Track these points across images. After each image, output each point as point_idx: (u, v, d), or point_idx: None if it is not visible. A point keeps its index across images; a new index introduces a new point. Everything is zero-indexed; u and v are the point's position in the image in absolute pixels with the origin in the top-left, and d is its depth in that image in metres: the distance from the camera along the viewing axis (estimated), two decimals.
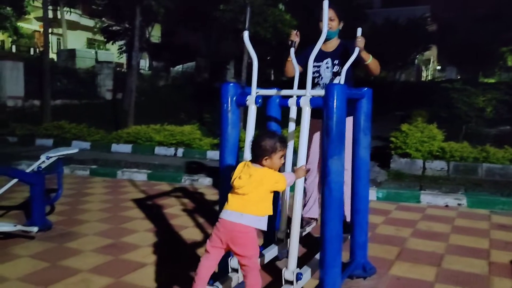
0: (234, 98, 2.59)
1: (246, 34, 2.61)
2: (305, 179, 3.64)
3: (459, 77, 26.12)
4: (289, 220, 2.51)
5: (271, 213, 2.26)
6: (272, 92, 2.73)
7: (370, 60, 3.37)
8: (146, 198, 5.24)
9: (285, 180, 2.28)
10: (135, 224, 4.21)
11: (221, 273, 2.57)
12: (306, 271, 2.49)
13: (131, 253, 3.43)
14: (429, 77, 35.53)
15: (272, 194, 2.28)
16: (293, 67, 3.14)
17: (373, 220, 4.13)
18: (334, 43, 3.64)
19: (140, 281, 2.94)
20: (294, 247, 2.41)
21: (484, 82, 19.88)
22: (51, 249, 3.51)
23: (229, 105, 2.58)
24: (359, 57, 3.18)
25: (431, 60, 38.70)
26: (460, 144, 6.73)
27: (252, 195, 2.20)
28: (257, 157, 2.26)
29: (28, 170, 3.94)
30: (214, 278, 2.38)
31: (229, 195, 2.27)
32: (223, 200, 2.61)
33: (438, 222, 4.28)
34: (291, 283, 2.38)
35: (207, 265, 2.28)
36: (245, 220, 2.19)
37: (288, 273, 2.38)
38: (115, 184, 6.05)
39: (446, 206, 4.90)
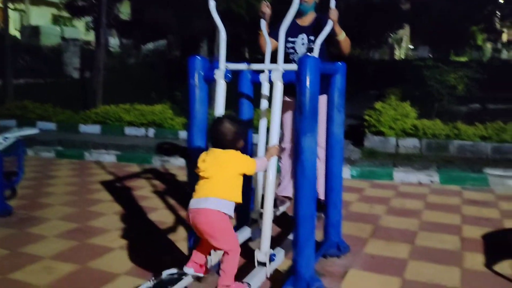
0: (202, 73, 2.44)
1: (212, 4, 2.43)
2: (280, 158, 3.56)
3: (431, 56, 26.40)
4: (264, 199, 2.41)
5: (240, 200, 2.14)
6: (241, 66, 2.60)
7: (342, 35, 3.26)
8: (115, 180, 5.06)
9: (254, 163, 2.18)
10: (103, 207, 4.05)
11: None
12: (279, 252, 2.42)
13: (97, 238, 3.29)
14: (402, 56, 35.85)
15: (241, 179, 2.16)
16: (262, 38, 3.02)
17: (347, 198, 4.09)
18: (310, 17, 3.51)
19: (108, 266, 2.81)
20: (267, 228, 2.32)
21: (455, 60, 20.13)
22: (11, 236, 3.33)
23: (197, 80, 2.43)
24: (332, 31, 3.07)
25: (404, 39, 38.96)
26: (432, 122, 6.76)
27: (217, 177, 2.08)
28: (221, 144, 2.13)
29: None
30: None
31: (196, 185, 2.15)
32: (192, 180, 2.49)
33: (411, 199, 4.28)
34: (263, 264, 2.31)
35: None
36: (209, 204, 2.06)
37: (261, 254, 2.31)
38: (82, 166, 5.83)
39: (419, 183, 4.92)
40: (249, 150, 3.06)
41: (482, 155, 6.14)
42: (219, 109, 2.49)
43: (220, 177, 2.08)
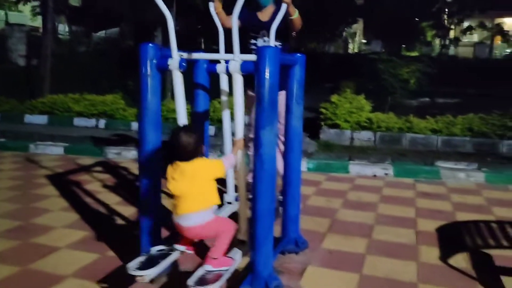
0: (154, 61, 2.29)
1: None
2: (249, 147, 3.52)
3: (383, 51, 27.06)
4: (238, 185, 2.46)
5: (218, 202, 2.19)
6: (196, 55, 2.47)
7: (295, 15, 3.27)
8: (62, 174, 4.78)
9: (222, 164, 2.18)
10: (49, 203, 3.80)
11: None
12: (237, 253, 2.36)
13: (42, 237, 3.07)
14: (356, 50, 36.58)
15: (214, 183, 2.18)
16: (225, 19, 2.95)
17: (304, 192, 4.03)
18: (270, 10, 3.44)
19: (52, 268, 2.62)
20: (244, 208, 2.36)
21: (406, 55, 20.72)
22: None
23: (149, 69, 2.28)
24: (286, 12, 3.00)
25: (358, 34, 39.75)
26: (386, 115, 6.88)
27: (191, 192, 2.09)
28: (183, 158, 2.11)
29: None
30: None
31: (173, 200, 2.17)
32: (144, 176, 2.36)
33: (367, 192, 4.31)
34: (243, 242, 2.38)
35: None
36: (192, 221, 2.15)
37: (240, 234, 2.34)
38: (26, 159, 5.47)
39: (374, 176, 4.97)
40: (206, 142, 2.96)
41: (433, 148, 6.33)
42: (180, 100, 2.37)
43: (194, 191, 2.10)
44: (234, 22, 2.14)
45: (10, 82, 11.39)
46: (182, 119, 2.40)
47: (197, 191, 2.11)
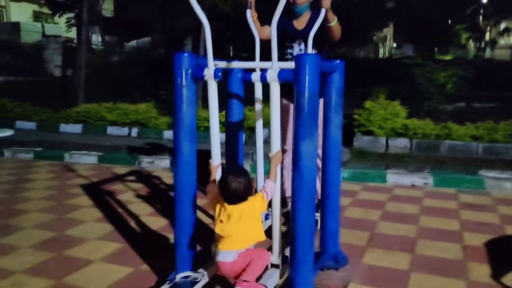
0: (190, 71, 2.22)
1: None
2: (282, 160, 3.40)
3: (415, 54, 26.50)
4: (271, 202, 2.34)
5: (263, 238, 2.14)
6: (232, 64, 2.38)
7: (334, 22, 3.12)
8: (96, 184, 4.80)
9: (264, 198, 2.13)
10: (82, 214, 3.79)
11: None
12: (274, 273, 2.27)
13: (75, 249, 3.04)
14: (386, 55, 36.01)
15: (259, 218, 2.15)
16: (259, 29, 2.84)
17: (341, 202, 3.87)
18: (306, 18, 3.35)
19: (84, 282, 2.58)
20: (277, 230, 2.29)
21: (440, 59, 20.21)
22: None
23: (184, 79, 2.21)
24: (325, 18, 2.91)
25: (388, 38, 39.13)
26: (422, 121, 6.65)
27: (238, 233, 2.06)
28: (232, 202, 2.08)
29: None
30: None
31: (217, 236, 2.12)
32: (180, 190, 2.30)
33: (406, 202, 4.12)
34: (277, 266, 2.30)
35: None
36: (232, 256, 2.12)
37: (273, 257, 2.30)
38: (62, 168, 5.54)
39: (413, 185, 4.77)
40: (241, 152, 2.87)
41: (473, 155, 6.05)
42: (213, 112, 2.29)
43: (240, 231, 2.06)
44: (273, 30, 2.05)
45: (47, 92, 11.70)
46: (215, 130, 2.32)
47: (245, 232, 2.08)
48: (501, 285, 2.50)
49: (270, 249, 2.34)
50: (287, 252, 2.32)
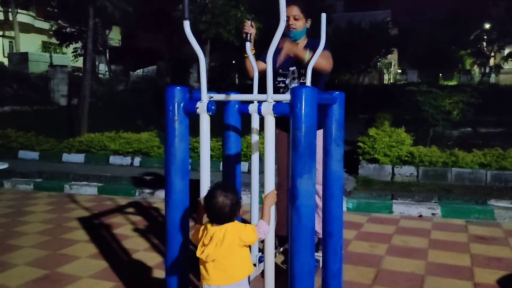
0: (182, 105, 2.14)
1: (186, 24, 2.11)
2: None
3: (419, 80, 26.53)
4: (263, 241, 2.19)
5: (252, 271, 1.93)
6: (227, 97, 2.30)
7: (306, 58, 2.90)
8: (93, 216, 4.68)
9: (255, 231, 1.90)
10: (77, 249, 3.67)
11: None
12: None
13: None
14: (391, 80, 36.13)
15: (247, 250, 1.91)
16: (252, 66, 2.72)
17: (345, 235, 3.72)
18: (301, 44, 3.22)
19: None
20: (270, 271, 2.16)
21: (445, 85, 20.18)
22: None
23: (176, 113, 2.13)
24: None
25: (392, 64, 39.36)
26: (428, 149, 6.52)
27: (221, 260, 1.85)
28: (215, 221, 1.89)
29: None
30: None
31: (201, 266, 1.91)
32: (171, 229, 2.18)
33: (413, 235, 3.96)
34: None
35: None
36: None
37: None
38: (60, 200, 5.45)
39: (420, 216, 4.61)
40: (239, 184, 2.75)
41: (481, 183, 5.89)
42: (205, 147, 2.18)
43: (224, 258, 1.85)
44: (269, 63, 1.97)
45: (51, 122, 11.76)
46: (206, 165, 2.20)
47: (230, 261, 1.86)
48: None
49: None
50: None
